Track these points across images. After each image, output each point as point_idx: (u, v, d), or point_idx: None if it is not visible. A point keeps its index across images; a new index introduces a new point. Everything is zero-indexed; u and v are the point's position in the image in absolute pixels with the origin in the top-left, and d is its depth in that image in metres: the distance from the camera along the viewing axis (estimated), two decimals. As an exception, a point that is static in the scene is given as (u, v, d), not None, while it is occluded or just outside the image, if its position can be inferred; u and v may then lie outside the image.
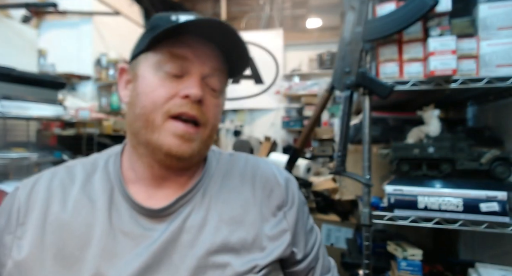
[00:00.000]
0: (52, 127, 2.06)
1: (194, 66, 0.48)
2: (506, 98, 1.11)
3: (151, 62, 0.48)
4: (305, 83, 3.56)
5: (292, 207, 0.56)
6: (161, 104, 0.46)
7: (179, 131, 0.46)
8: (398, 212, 1.00)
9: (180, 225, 0.48)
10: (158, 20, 0.50)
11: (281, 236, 0.52)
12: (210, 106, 0.50)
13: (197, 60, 0.48)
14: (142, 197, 0.50)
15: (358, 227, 1.76)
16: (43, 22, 2.93)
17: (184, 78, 0.48)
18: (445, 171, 1.03)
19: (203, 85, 0.49)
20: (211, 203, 0.51)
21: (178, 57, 0.47)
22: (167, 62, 0.47)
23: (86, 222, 0.47)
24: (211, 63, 0.49)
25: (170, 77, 0.47)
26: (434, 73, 0.93)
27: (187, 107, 0.46)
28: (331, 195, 1.90)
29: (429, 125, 1.10)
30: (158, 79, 0.47)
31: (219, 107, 0.53)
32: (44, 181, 0.51)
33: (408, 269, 1.03)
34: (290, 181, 0.59)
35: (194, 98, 0.46)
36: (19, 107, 1.47)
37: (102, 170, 0.53)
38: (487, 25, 0.96)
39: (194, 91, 0.46)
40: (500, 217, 0.91)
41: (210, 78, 0.50)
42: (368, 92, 1.02)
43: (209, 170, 0.55)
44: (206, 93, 0.49)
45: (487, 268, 0.97)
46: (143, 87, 0.48)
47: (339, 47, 1.03)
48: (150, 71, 0.48)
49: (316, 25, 3.84)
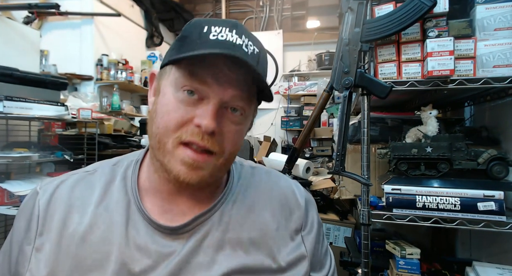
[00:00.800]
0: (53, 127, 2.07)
1: (213, 91, 0.44)
2: (503, 98, 1.11)
3: (172, 79, 0.46)
4: (304, 83, 3.57)
5: (311, 232, 0.55)
6: (173, 130, 0.44)
7: (188, 159, 0.44)
8: (396, 211, 1.01)
9: (196, 245, 0.47)
10: (189, 30, 0.46)
11: (299, 262, 0.51)
12: (228, 134, 0.46)
13: (217, 85, 0.44)
14: (158, 212, 0.49)
15: (357, 226, 1.76)
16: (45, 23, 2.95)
17: (202, 103, 0.45)
18: (443, 170, 1.04)
19: (222, 112, 0.45)
20: (229, 224, 0.50)
21: (197, 77, 0.44)
22: (185, 82, 0.44)
23: (104, 237, 0.46)
24: (234, 88, 0.45)
25: (187, 100, 0.44)
26: (432, 73, 0.94)
27: (198, 137, 0.44)
28: (330, 194, 1.91)
29: (427, 125, 1.11)
30: (175, 100, 0.45)
31: (240, 133, 0.49)
32: (64, 189, 0.51)
33: (406, 267, 1.04)
34: (310, 203, 0.58)
35: (205, 130, 0.43)
36: (21, 107, 1.48)
37: (120, 180, 0.52)
38: (484, 26, 0.97)
39: (206, 123, 0.43)
40: (497, 216, 0.93)
41: (232, 103, 0.46)
42: (367, 92, 1.03)
43: (230, 189, 0.54)
44: (225, 120, 0.46)
45: (484, 267, 0.98)
46: (161, 106, 0.46)
47: (337, 48, 1.04)
48: (170, 89, 0.46)
49: (315, 26, 3.85)
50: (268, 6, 4.11)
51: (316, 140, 2.88)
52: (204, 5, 4.37)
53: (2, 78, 1.50)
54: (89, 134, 1.94)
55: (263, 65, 0.48)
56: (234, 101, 0.45)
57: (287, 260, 0.50)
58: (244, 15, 4.24)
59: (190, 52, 0.42)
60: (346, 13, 1.03)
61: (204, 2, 4.37)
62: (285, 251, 0.51)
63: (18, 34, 1.79)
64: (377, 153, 1.14)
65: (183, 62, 0.44)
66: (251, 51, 0.46)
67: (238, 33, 0.45)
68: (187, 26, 0.47)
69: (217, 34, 0.44)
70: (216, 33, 0.44)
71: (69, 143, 1.92)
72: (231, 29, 0.45)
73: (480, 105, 1.34)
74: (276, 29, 4.00)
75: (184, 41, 0.46)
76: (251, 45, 0.46)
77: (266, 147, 3.34)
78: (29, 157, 1.57)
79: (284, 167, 1.28)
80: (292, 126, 3.55)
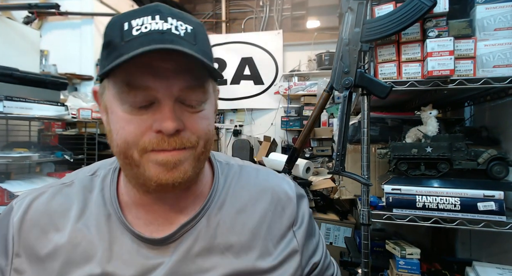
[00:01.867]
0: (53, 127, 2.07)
1: (159, 92, 0.40)
2: (503, 98, 1.11)
3: (113, 93, 0.41)
4: (304, 83, 3.57)
5: (302, 226, 0.54)
6: (134, 143, 0.41)
7: (162, 160, 0.41)
8: (396, 211, 1.01)
9: (184, 255, 0.46)
10: (110, 34, 0.41)
11: (291, 257, 0.51)
12: (194, 125, 0.43)
13: (161, 84, 0.39)
14: (142, 224, 0.47)
15: (357, 226, 1.77)
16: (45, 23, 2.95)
17: (153, 107, 0.40)
18: (443, 170, 1.04)
19: (179, 107, 0.41)
20: (217, 229, 0.48)
21: (137, 86, 0.39)
22: (127, 95, 0.40)
23: (86, 255, 0.45)
24: (180, 81, 0.40)
25: (137, 109, 0.40)
26: (432, 73, 0.94)
27: (165, 144, 0.40)
28: (330, 194, 1.91)
29: (427, 125, 1.11)
30: (125, 113, 0.41)
31: (208, 117, 0.45)
32: (40, 204, 0.48)
33: (406, 267, 1.04)
34: (301, 197, 0.57)
35: (167, 133, 0.40)
36: (21, 107, 1.48)
37: (98, 192, 0.49)
38: (484, 26, 0.97)
39: (166, 125, 0.39)
40: (497, 216, 0.93)
41: (186, 95, 0.41)
42: (367, 92, 1.03)
43: (215, 191, 0.51)
44: (184, 113, 0.42)
45: (484, 267, 0.98)
46: (114, 123, 0.42)
47: (337, 48, 1.04)
48: (115, 104, 0.41)
49: (315, 25, 3.85)
50: (268, 6, 4.11)
51: (316, 140, 2.88)
52: (204, 5, 4.37)
53: (2, 78, 1.50)
54: (89, 134, 1.94)
55: (202, 42, 0.43)
56: (186, 93, 0.41)
57: (279, 258, 0.49)
58: (244, 15, 4.24)
59: (114, 62, 0.37)
60: (346, 13, 1.03)
61: (204, 2, 4.37)
62: (277, 250, 0.50)
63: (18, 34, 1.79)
64: (377, 153, 1.14)
65: (117, 73, 0.39)
66: (184, 31, 0.40)
67: (163, 17, 0.40)
68: (107, 29, 0.42)
69: (140, 27, 0.39)
70: (139, 26, 0.39)
71: (69, 143, 1.92)
72: (153, 16, 0.40)
73: (480, 105, 1.34)
74: (276, 29, 4.00)
75: (109, 47, 0.41)
76: (182, 25, 0.41)
77: (266, 147, 3.34)
78: (29, 157, 1.57)
79: (284, 167, 1.28)
80: (292, 126, 3.55)
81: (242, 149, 3.46)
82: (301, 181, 1.90)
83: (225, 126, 4.11)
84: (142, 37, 0.39)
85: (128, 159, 0.42)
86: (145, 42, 0.38)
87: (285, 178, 0.59)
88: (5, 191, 1.50)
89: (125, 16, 0.41)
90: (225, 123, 4.16)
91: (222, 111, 4.16)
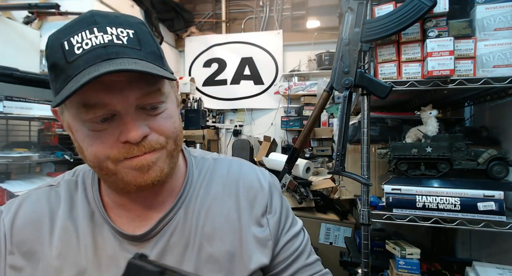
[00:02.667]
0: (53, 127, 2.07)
1: (116, 105, 0.40)
2: (503, 98, 1.11)
3: (72, 114, 0.42)
4: (304, 83, 3.57)
5: (275, 215, 0.55)
6: (105, 156, 0.42)
7: (135, 165, 0.42)
8: (396, 211, 1.01)
9: (163, 247, 0.48)
10: (53, 55, 0.40)
11: (264, 245, 0.52)
12: (160, 126, 0.44)
13: (117, 98, 0.40)
14: (124, 222, 0.50)
15: (357, 226, 1.77)
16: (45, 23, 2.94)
17: (115, 120, 0.41)
18: (443, 170, 1.04)
19: (140, 114, 0.42)
20: (193, 219, 0.50)
21: (93, 105, 0.39)
22: (86, 114, 0.40)
23: (75, 249, 0.47)
24: (136, 90, 0.40)
25: (99, 125, 0.41)
26: (432, 73, 0.94)
27: (134, 151, 0.42)
28: (330, 194, 1.91)
29: (427, 125, 1.11)
30: (89, 131, 0.42)
31: (172, 115, 0.46)
32: (29, 205, 0.50)
33: (406, 267, 1.04)
34: (274, 186, 0.58)
35: (134, 142, 0.41)
36: (21, 107, 1.48)
37: (82, 193, 0.52)
38: (484, 26, 0.97)
39: (131, 135, 0.40)
40: (497, 216, 0.93)
41: (144, 101, 0.42)
42: (367, 92, 1.03)
43: (190, 184, 0.53)
44: (148, 118, 0.43)
45: (484, 267, 0.98)
46: (80, 141, 0.43)
47: (337, 48, 1.04)
48: (77, 123, 0.42)
49: (315, 25, 3.85)
50: (268, 6, 4.10)
51: (316, 140, 2.88)
52: (204, 5, 4.37)
53: (2, 78, 1.49)
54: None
55: (147, 43, 0.43)
56: (143, 99, 0.41)
57: (254, 245, 0.51)
58: (244, 15, 4.23)
59: (65, 90, 0.38)
60: (346, 13, 1.03)
61: (204, 2, 4.37)
62: (251, 237, 0.51)
63: (18, 34, 1.79)
64: (377, 153, 1.14)
65: (71, 97, 0.38)
66: (127, 38, 0.40)
67: (101, 28, 0.40)
68: (47, 50, 0.41)
69: (81, 44, 0.39)
70: (79, 44, 0.39)
71: (69, 143, 1.91)
72: (91, 29, 0.39)
73: (480, 105, 1.34)
74: (276, 29, 4.00)
75: (55, 70, 0.40)
76: (122, 31, 0.40)
77: (266, 147, 3.34)
78: (29, 157, 1.57)
79: (284, 167, 1.28)
80: (292, 126, 3.55)
81: (242, 149, 3.46)
82: (301, 181, 1.90)
83: (225, 126, 4.11)
84: (86, 55, 0.38)
85: (104, 170, 0.43)
86: (90, 60, 0.38)
87: (260, 169, 0.61)
88: (5, 191, 1.50)
89: (62, 34, 0.40)
90: (225, 123, 4.16)
91: (222, 111, 4.17)
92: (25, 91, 1.55)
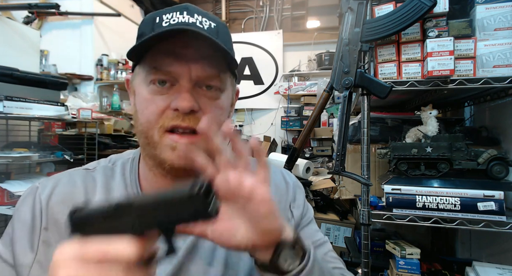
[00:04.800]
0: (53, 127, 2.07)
1: (180, 74, 0.45)
2: (502, 98, 1.11)
3: (141, 77, 0.47)
4: (304, 83, 3.57)
5: (299, 208, 0.59)
6: (155, 120, 0.45)
7: (176, 144, 0.45)
8: (396, 211, 1.01)
9: (193, 244, 0.49)
10: (143, 28, 0.48)
11: None
12: (210, 109, 0.47)
13: (183, 67, 0.45)
14: None
15: (357, 226, 1.77)
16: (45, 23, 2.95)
17: (174, 88, 0.46)
18: (443, 170, 1.04)
19: (197, 91, 0.46)
20: None
21: (161, 67, 0.45)
22: (153, 76, 0.45)
23: None
24: (199, 65, 0.45)
25: (160, 90, 0.46)
26: (432, 73, 0.94)
27: (179, 120, 0.44)
28: (330, 194, 1.91)
29: (427, 125, 1.11)
30: (149, 94, 0.46)
31: (222, 108, 0.49)
32: (66, 184, 0.51)
33: (406, 267, 1.04)
34: (298, 185, 0.62)
35: (183, 111, 0.44)
36: (21, 107, 1.48)
37: (120, 178, 0.53)
38: (484, 26, 0.97)
39: (182, 104, 0.44)
40: (497, 216, 0.93)
41: (204, 81, 0.46)
42: (367, 92, 1.03)
43: None
44: (201, 97, 0.46)
45: (484, 267, 0.98)
46: (138, 104, 0.48)
47: (337, 48, 1.04)
48: (142, 86, 0.47)
49: (315, 25, 3.85)
50: (268, 6, 4.10)
51: (316, 140, 2.88)
52: (204, 5, 4.36)
53: (2, 78, 1.50)
54: (89, 134, 1.94)
55: (224, 36, 0.49)
56: (204, 77, 0.46)
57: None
58: (244, 15, 4.23)
59: (142, 39, 0.43)
60: (346, 13, 1.03)
61: (204, 2, 4.37)
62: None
63: (18, 34, 1.79)
64: (377, 153, 1.14)
65: (146, 59, 0.46)
66: (207, 26, 0.46)
67: (190, 13, 0.46)
68: (141, 24, 0.49)
69: (169, 20, 0.45)
70: (168, 20, 0.45)
71: (69, 143, 1.92)
72: (181, 12, 0.46)
73: (480, 105, 1.34)
74: (276, 29, 3.99)
75: (140, 38, 0.47)
76: (206, 21, 0.47)
77: (266, 147, 3.34)
78: (29, 157, 1.57)
79: (284, 167, 1.28)
80: (292, 126, 3.55)
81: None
82: (301, 181, 1.90)
83: (225, 126, 4.11)
84: (168, 26, 0.44)
85: (148, 139, 0.46)
86: (170, 27, 0.44)
87: (284, 169, 0.65)
88: (5, 191, 1.50)
89: (158, 13, 0.47)
90: (225, 123, 4.16)
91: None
92: (25, 91, 1.55)
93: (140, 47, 0.44)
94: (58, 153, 1.74)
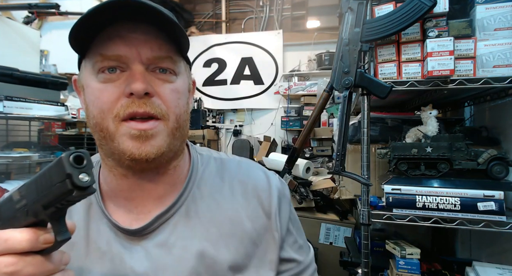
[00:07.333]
0: (53, 127, 2.07)
1: (129, 57, 0.42)
2: (503, 98, 1.11)
3: (89, 69, 0.44)
4: (304, 83, 3.57)
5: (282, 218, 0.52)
6: (108, 109, 0.42)
7: (134, 131, 0.42)
8: (396, 211, 1.01)
9: (161, 246, 0.46)
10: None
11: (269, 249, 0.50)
12: (165, 93, 0.44)
13: (131, 50, 0.42)
14: (122, 212, 0.48)
15: (357, 226, 1.77)
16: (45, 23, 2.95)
17: (125, 73, 0.43)
18: (443, 170, 1.04)
19: (149, 74, 0.43)
20: (196, 222, 0.48)
21: (108, 54, 0.42)
22: (101, 63, 0.42)
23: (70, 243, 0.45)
24: (151, 48, 0.43)
25: (110, 77, 0.43)
26: (432, 73, 0.94)
27: (135, 105, 0.42)
28: (330, 194, 1.91)
29: (427, 125, 1.11)
30: (99, 83, 0.43)
31: (179, 91, 0.46)
32: None
33: (406, 267, 1.04)
34: (284, 194, 0.55)
35: (137, 94, 0.41)
36: (21, 107, 1.48)
37: None
38: (484, 26, 0.98)
39: (135, 86, 0.41)
40: (497, 216, 0.93)
41: (157, 63, 0.44)
42: (367, 92, 1.03)
43: (193, 182, 0.51)
44: (155, 80, 0.44)
45: (484, 267, 0.98)
46: (89, 96, 0.44)
47: (337, 48, 1.04)
48: (91, 78, 0.44)
49: (315, 25, 3.85)
50: (268, 6, 4.10)
51: (316, 140, 2.88)
52: (204, 5, 4.37)
53: (2, 78, 1.50)
54: (89, 134, 1.94)
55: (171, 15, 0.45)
56: (156, 59, 0.43)
57: (260, 247, 0.49)
58: (244, 15, 4.23)
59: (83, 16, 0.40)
60: (346, 13, 1.03)
61: (204, 2, 4.37)
62: (257, 239, 0.49)
63: (18, 34, 1.79)
64: (377, 153, 1.14)
65: (92, 48, 0.43)
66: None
67: None
68: None
69: None
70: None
71: (69, 143, 1.92)
72: None
73: (480, 105, 1.34)
74: (276, 29, 3.99)
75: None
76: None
77: (266, 147, 3.34)
78: (29, 157, 1.58)
79: (284, 167, 1.28)
80: (292, 126, 3.55)
81: (242, 149, 3.46)
82: (301, 181, 1.90)
83: (225, 126, 4.11)
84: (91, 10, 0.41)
85: (104, 131, 0.43)
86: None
87: (269, 171, 0.58)
88: (5, 191, 1.50)
89: None
90: (225, 123, 4.16)
91: (222, 111, 4.16)
92: (25, 91, 1.55)
93: (82, 32, 0.41)
94: (58, 153, 1.74)
